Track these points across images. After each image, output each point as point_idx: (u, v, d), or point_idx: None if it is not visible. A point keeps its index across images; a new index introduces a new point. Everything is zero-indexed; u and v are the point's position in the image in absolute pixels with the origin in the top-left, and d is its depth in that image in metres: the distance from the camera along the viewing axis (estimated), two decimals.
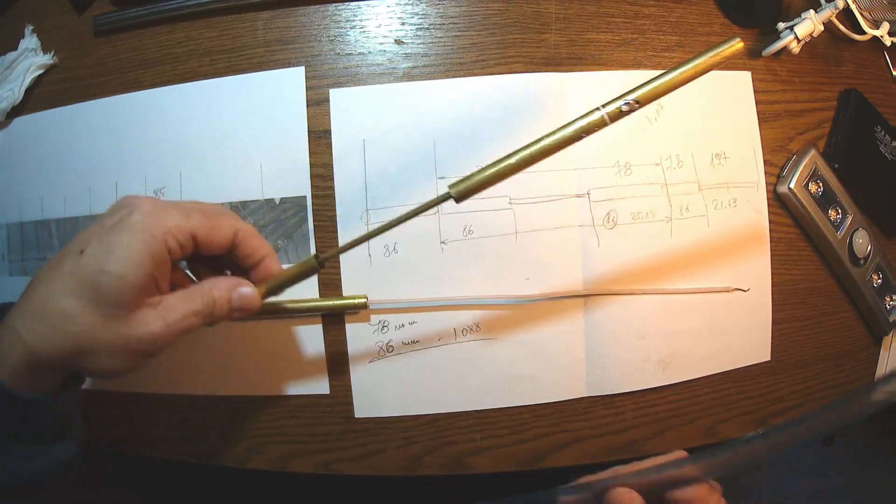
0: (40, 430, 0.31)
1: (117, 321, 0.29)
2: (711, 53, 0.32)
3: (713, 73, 0.46)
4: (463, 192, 0.33)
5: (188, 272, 0.35)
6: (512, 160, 0.33)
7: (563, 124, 0.33)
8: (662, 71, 0.33)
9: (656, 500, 0.32)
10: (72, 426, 0.32)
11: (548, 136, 0.33)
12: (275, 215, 0.44)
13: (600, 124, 0.32)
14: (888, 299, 0.51)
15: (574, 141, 0.33)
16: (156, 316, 0.30)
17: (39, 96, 0.47)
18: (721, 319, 0.47)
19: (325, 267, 0.35)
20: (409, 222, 0.33)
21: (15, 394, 0.28)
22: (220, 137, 0.44)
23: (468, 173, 0.33)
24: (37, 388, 0.30)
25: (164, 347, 0.30)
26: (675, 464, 0.32)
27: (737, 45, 0.32)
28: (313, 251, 0.44)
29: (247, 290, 0.33)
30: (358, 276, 0.44)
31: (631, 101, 0.32)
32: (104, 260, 0.28)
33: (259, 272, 0.34)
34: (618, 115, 0.32)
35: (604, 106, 0.32)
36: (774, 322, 0.48)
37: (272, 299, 0.34)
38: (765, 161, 0.47)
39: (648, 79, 0.33)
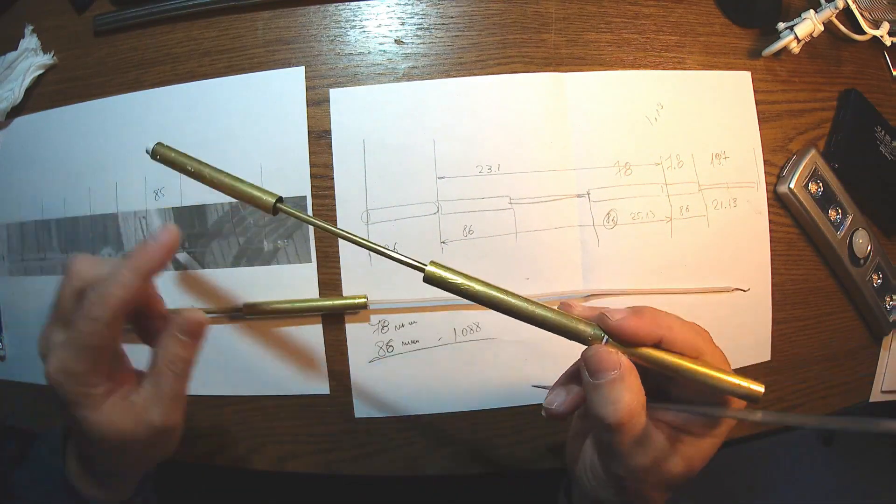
0: None
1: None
2: (729, 383, 0.27)
3: (713, 72, 0.48)
4: (436, 277, 0.30)
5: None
6: (493, 293, 0.30)
7: (557, 312, 0.31)
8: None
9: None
10: None
11: (538, 306, 0.31)
12: None
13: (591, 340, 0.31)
14: (888, 299, 0.51)
15: (551, 328, 0.31)
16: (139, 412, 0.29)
17: (39, 96, 0.47)
18: (721, 319, 0.47)
19: None
20: (408, 222, 0.33)
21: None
22: (220, 137, 0.44)
23: (459, 276, 0.30)
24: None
25: (178, 407, 0.30)
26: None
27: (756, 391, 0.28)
28: (313, 251, 0.44)
29: (189, 317, 0.30)
30: (358, 276, 0.44)
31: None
32: None
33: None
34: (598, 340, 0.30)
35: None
36: (774, 322, 0.48)
37: (272, 300, 0.33)
38: (765, 161, 0.47)
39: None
